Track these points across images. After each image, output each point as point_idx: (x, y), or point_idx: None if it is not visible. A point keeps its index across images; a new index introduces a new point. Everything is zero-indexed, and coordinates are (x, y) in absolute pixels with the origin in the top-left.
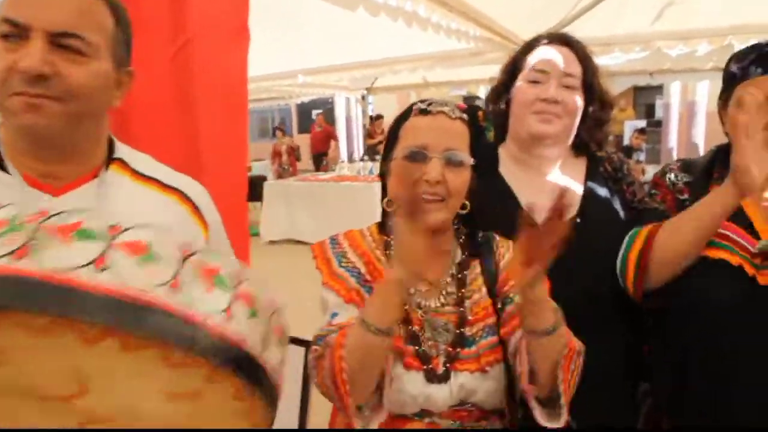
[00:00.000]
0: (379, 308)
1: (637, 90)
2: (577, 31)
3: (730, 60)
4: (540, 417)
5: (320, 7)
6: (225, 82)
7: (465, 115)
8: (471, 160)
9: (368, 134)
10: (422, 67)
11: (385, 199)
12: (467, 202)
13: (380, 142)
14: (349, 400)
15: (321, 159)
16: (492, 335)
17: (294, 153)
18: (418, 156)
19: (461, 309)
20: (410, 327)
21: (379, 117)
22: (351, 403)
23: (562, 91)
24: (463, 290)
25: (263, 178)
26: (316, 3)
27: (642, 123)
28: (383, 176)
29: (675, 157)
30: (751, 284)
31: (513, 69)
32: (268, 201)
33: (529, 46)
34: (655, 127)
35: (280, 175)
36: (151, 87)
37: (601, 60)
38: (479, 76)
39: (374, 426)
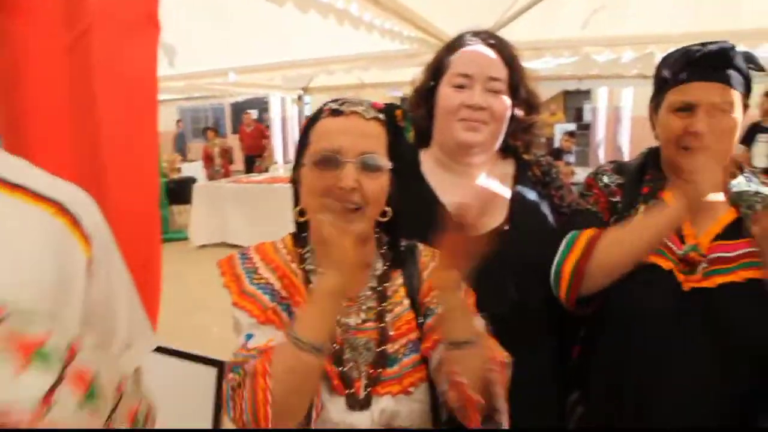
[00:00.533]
0: (313, 322)
1: (567, 94)
2: (509, 34)
3: (660, 64)
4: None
5: (253, 4)
6: (131, 76)
7: (381, 115)
8: (389, 164)
9: None
10: (357, 67)
11: (297, 209)
12: (387, 209)
13: None
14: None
15: (254, 160)
16: (415, 352)
17: (227, 155)
18: (330, 161)
19: (382, 325)
20: (333, 346)
21: None
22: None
23: (488, 95)
24: (383, 304)
25: (193, 180)
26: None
27: (572, 126)
28: (295, 184)
29: (602, 159)
30: (678, 289)
31: (436, 70)
32: (198, 204)
33: (453, 46)
34: (583, 130)
35: (212, 178)
36: (43, 83)
37: (532, 64)
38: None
39: None
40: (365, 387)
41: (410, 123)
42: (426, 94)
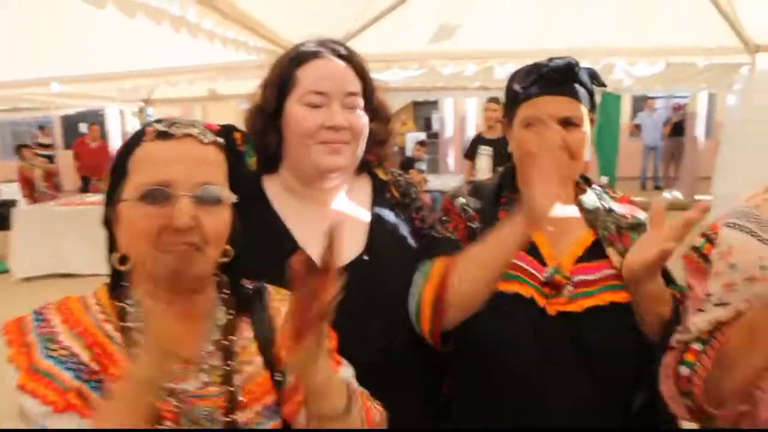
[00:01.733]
0: (119, 416)
1: (416, 104)
2: (357, 46)
3: (511, 79)
4: None
5: (79, 9)
6: None
7: (220, 139)
8: (231, 196)
9: None
10: (202, 79)
11: (116, 255)
12: (229, 248)
13: None
14: None
15: (89, 180)
16: (274, 418)
17: (51, 179)
18: (158, 195)
19: (230, 389)
20: (160, 424)
21: None
22: None
23: (347, 113)
24: (230, 362)
25: (12, 203)
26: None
27: (422, 135)
28: (108, 224)
29: (452, 166)
30: (542, 315)
31: (282, 86)
32: (20, 230)
33: (300, 58)
34: (433, 139)
35: (35, 200)
36: None
37: (382, 76)
38: None
39: None
40: None
41: (252, 147)
42: (271, 113)
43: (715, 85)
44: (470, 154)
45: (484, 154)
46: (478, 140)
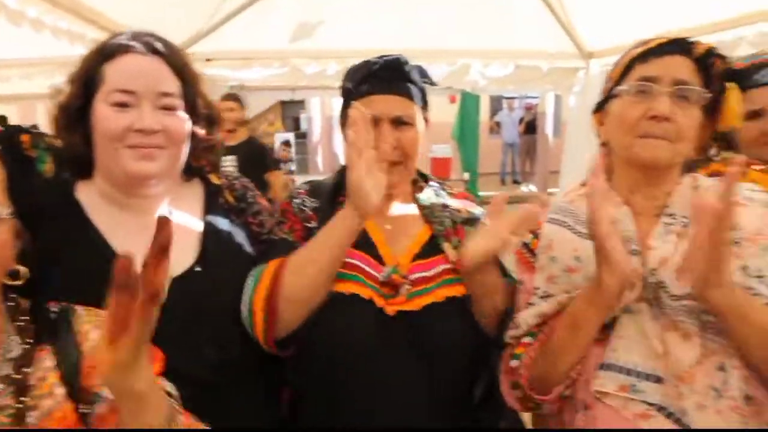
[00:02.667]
0: None
1: (284, 104)
2: (216, 43)
3: (345, 77)
4: None
5: None
6: None
7: None
8: (7, 211)
9: None
10: (40, 73)
11: None
12: (20, 268)
13: None
14: None
15: None
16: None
17: None
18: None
19: (24, 402)
20: None
21: None
22: None
23: (161, 115)
24: (23, 399)
25: None
26: None
27: (290, 135)
28: None
29: (321, 165)
30: (381, 316)
31: (87, 82)
32: None
33: (107, 52)
34: (301, 139)
35: None
36: None
37: (242, 74)
38: None
39: None
40: None
41: (45, 151)
42: (77, 112)
43: (558, 87)
44: None
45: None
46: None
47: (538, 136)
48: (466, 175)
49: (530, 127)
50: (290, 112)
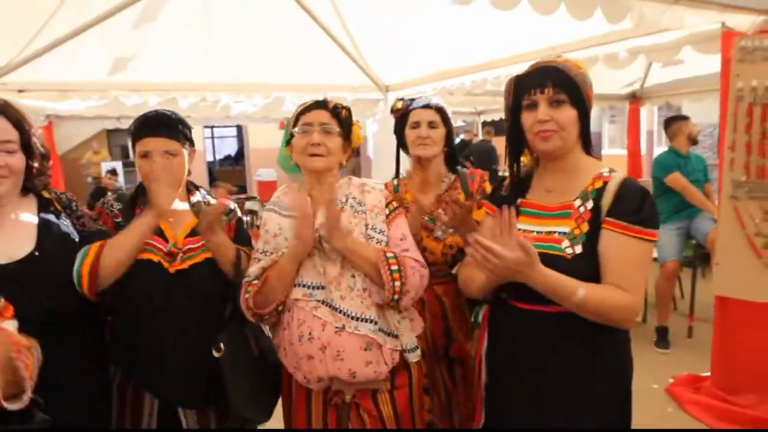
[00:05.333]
0: None
1: (110, 132)
2: (30, 74)
3: (132, 123)
4: (7, 406)
5: None
6: None
7: None
8: None
9: None
10: None
11: None
12: None
13: None
14: None
15: None
16: None
17: None
18: None
19: None
20: None
21: None
22: None
23: (5, 156)
24: None
25: None
26: None
27: (117, 164)
28: None
29: None
30: (166, 273)
31: None
32: None
33: None
34: (131, 168)
35: None
36: None
37: (60, 105)
38: None
39: None
40: None
41: None
42: None
43: (361, 115)
44: None
45: None
46: None
47: (362, 158)
48: None
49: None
50: (118, 140)
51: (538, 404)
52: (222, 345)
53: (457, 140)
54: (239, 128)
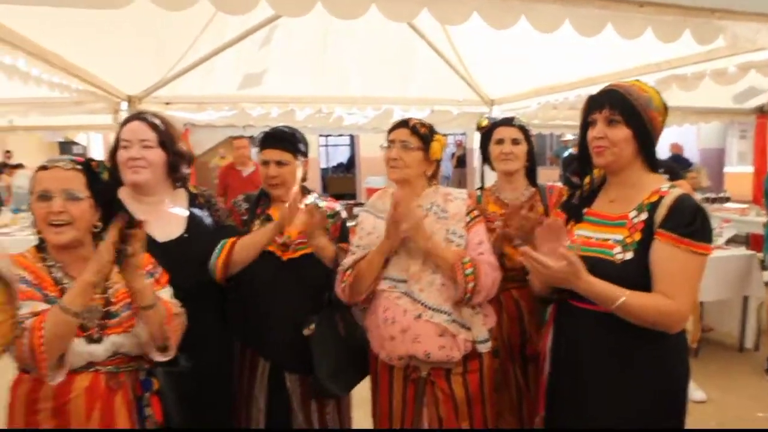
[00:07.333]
0: (76, 299)
1: (234, 140)
2: (175, 89)
3: (258, 137)
4: (157, 357)
5: None
6: None
7: (79, 165)
8: (85, 195)
9: None
10: (13, 112)
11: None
12: (98, 224)
13: None
14: (44, 364)
15: None
16: (129, 309)
17: None
18: (44, 196)
19: (105, 295)
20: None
21: None
22: (46, 366)
23: (143, 150)
24: (106, 283)
25: None
26: None
27: None
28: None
29: None
30: (279, 261)
31: (115, 140)
32: None
33: (122, 123)
34: None
35: None
36: None
37: (198, 116)
38: (77, 123)
39: (60, 379)
40: (97, 331)
41: (104, 168)
42: (113, 152)
43: (466, 128)
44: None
45: None
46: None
47: (468, 169)
48: None
49: (461, 161)
50: None
51: (587, 397)
52: (312, 325)
53: (565, 154)
54: (351, 137)
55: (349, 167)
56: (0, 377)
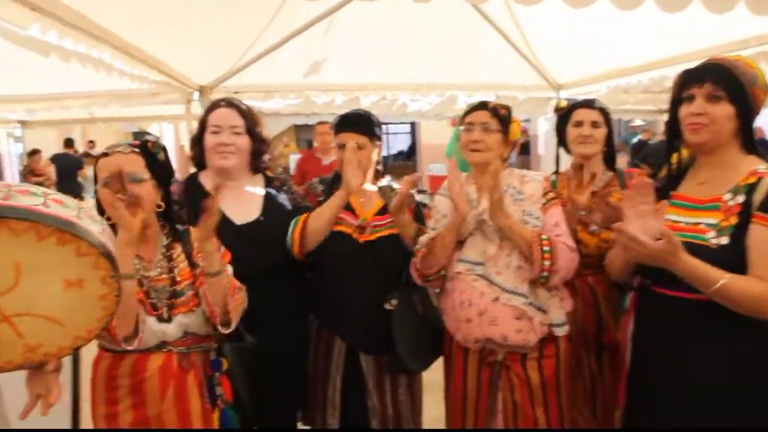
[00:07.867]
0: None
1: (297, 127)
2: (244, 79)
3: (334, 120)
4: (221, 329)
5: None
6: None
7: (136, 149)
8: (147, 176)
9: (30, 171)
10: (96, 104)
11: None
12: (161, 203)
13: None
14: (117, 333)
15: None
16: (192, 288)
17: None
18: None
19: (172, 275)
20: (143, 289)
21: (36, 152)
22: (120, 334)
23: (233, 136)
24: (171, 263)
25: None
26: None
27: None
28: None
29: None
30: (356, 242)
31: (202, 125)
32: None
33: (208, 110)
34: None
35: None
36: None
37: (265, 104)
38: (151, 114)
39: (134, 346)
40: (167, 310)
41: (160, 149)
42: (198, 138)
43: (532, 114)
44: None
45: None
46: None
47: (532, 156)
48: None
49: (524, 148)
50: (304, 134)
51: (677, 389)
52: (393, 300)
53: (635, 140)
54: (412, 125)
55: (409, 155)
56: (86, 354)
